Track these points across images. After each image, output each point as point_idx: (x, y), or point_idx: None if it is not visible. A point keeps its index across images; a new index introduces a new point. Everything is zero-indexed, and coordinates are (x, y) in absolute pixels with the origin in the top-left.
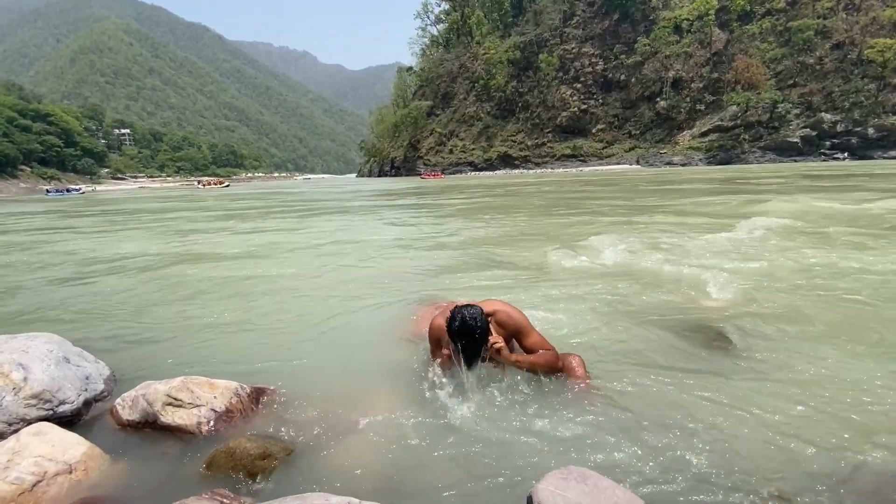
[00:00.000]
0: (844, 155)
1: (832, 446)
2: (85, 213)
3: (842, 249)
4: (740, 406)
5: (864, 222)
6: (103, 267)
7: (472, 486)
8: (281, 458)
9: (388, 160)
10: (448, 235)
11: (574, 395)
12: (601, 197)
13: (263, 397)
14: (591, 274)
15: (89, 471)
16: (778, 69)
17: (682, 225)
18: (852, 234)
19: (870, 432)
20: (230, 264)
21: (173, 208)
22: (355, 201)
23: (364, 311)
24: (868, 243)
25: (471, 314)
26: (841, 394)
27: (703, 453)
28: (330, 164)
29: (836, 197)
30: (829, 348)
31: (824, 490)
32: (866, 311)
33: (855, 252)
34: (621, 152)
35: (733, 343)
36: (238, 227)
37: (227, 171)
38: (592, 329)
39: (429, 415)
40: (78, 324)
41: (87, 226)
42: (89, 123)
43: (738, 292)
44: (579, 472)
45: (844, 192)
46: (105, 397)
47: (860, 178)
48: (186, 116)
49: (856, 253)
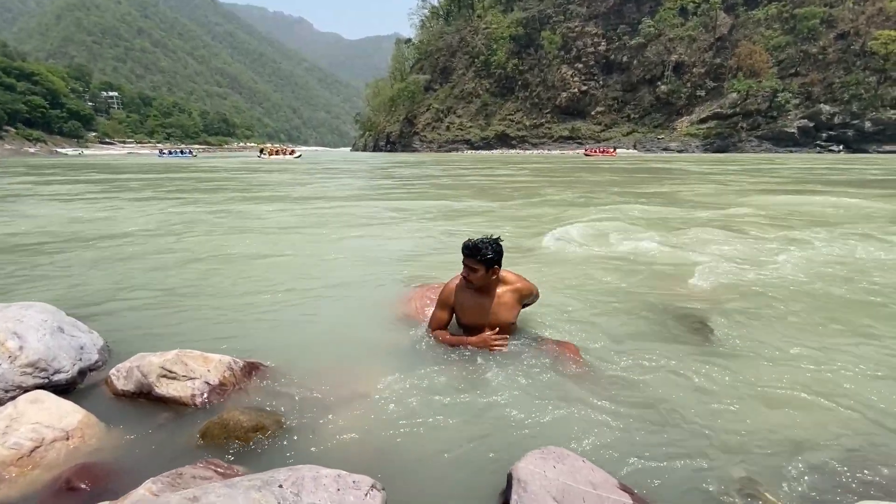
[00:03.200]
0: (840, 147)
1: (802, 430)
2: (89, 176)
3: (823, 241)
4: (717, 392)
5: (842, 217)
6: (103, 236)
7: (457, 461)
8: (273, 431)
9: (384, 135)
10: (449, 217)
11: (562, 377)
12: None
13: (256, 372)
14: (579, 258)
15: (86, 437)
16: (781, 57)
17: (666, 212)
18: (833, 226)
19: (838, 416)
20: (230, 239)
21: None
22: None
23: (358, 290)
24: (852, 236)
25: (490, 239)
26: (812, 379)
27: (680, 437)
28: (324, 137)
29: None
30: (805, 336)
31: (791, 471)
32: (843, 301)
33: (837, 244)
34: (619, 136)
35: (714, 330)
36: (246, 200)
37: (218, 140)
38: (576, 312)
39: (418, 392)
40: (72, 294)
41: (89, 192)
42: (76, 84)
43: (722, 281)
44: (558, 452)
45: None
46: (99, 367)
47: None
48: (177, 81)
49: (838, 244)
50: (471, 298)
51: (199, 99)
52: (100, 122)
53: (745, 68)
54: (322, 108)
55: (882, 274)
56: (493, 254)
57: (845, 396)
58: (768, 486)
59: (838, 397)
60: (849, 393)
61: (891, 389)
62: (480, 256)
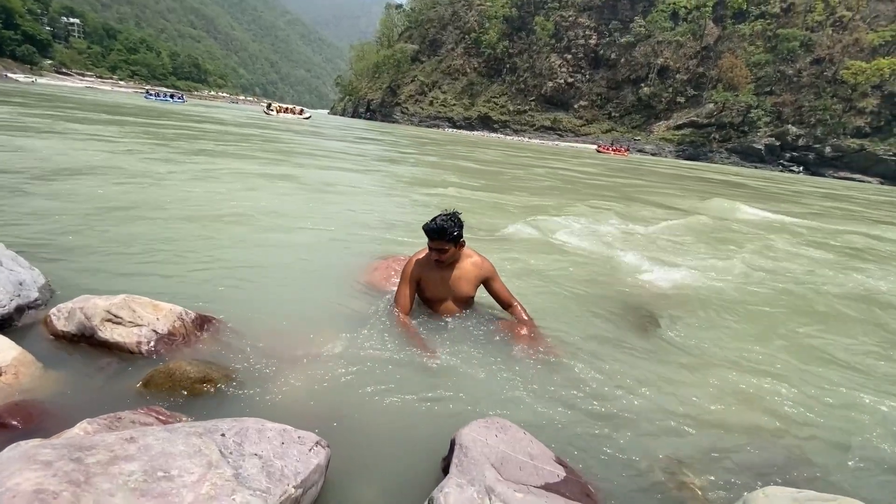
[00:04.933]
0: (800, 168)
1: (726, 419)
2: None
3: (770, 250)
4: (656, 380)
5: (797, 231)
6: (60, 173)
7: (403, 425)
8: (221, 384)
9: (365, 101)
10: (425, 192)
11: (512, 354)
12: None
13: (209, 325)
14: (541, 248)
15: (20, 375)
16: (759, 74)
17: (630, 212)
18: (785, 239)
19: (759, 410)
20: (194, 188)
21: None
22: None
23: (325, 255)
24: (800, 251)
25: (449, 215)
26: (741, 375)
27: (616, 418)
28: (301, 96)
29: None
30: (739, 336)
31: (712, 455)
32: (785, 308)
33: (778, 253)
34: (598, 132)
35: (661, 324)
36: (216, 152)
37: (187, 85)
38: (532, 297)
39: (371, 358)
40: (16, 228)
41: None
42: (33, 6)
43: (675, 280)
44: (501, 423)
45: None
46: (39, 306)
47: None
48: (146, 16)
49: (779, 254)
50: (434, 272)
51: (171, 38)
52: (57, 49)
53: (725, 80)
54: (302, 66)
55: (816, 281)
56: (458, 229)
57: (768, 393)
58: (689, 467)
59: (765, 394)
60: (771, 390)
61: (807, 389)
62: (448, 236)
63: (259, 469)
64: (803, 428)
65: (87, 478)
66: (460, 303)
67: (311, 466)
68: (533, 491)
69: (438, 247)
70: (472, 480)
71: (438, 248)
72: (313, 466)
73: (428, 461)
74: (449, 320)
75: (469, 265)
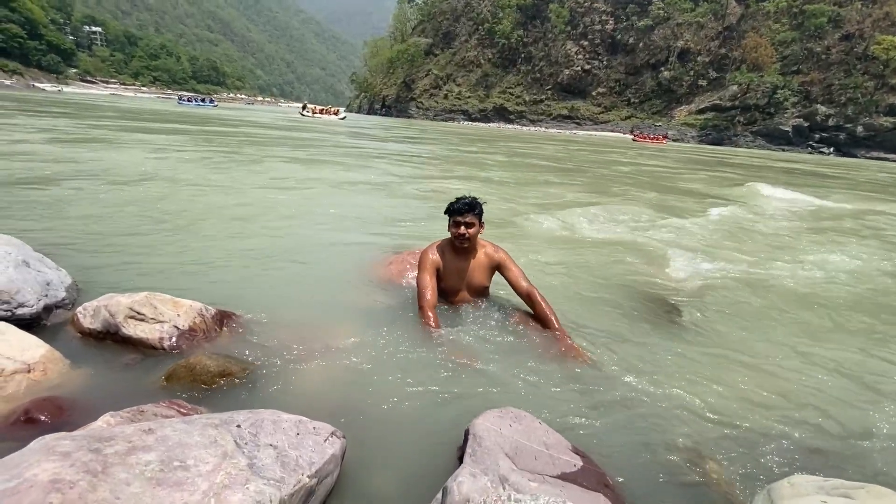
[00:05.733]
0: (830, 150)
1: (751, 410)
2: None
3: (799, 241)
4: (676, 370)
5: (826, 218)
6: (83, 176)
7: (418, 416)
8: (239, 378)
9: (380, 98)
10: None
11: (529, 345)
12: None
13: (228, 321)
14: (559, 239)
15: (48, 372)
16: (785, 53)
17: (653, 202)
18: (813, 228)
19: (785, 401)
20: (213, 189)
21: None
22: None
23: (340, 251)
24: (832, 239)
25: (470, 198)
26: (765, 366)
27: (636, 409)
28: (318, 95)
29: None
30: (768, 330)
31: (737, 446)
32: (809, 299)
33: (812, 246)
34: (617, 119)
35: (682, 315)
36: (236, 153)
37: (207, 89)
38: (550, 288)
39: (386, 350)
40: (43, 230)
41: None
42: (56, 15)
43: (696, 271)
44: (515, 413)
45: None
46: (66, 305)
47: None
48: (165, 22)
49: (813, 246)
50: (451, 262)
51: (189, 43)
52: (81, 58)
53: (749, 61)
54: (317, 65)
55: (850, 277)
56: (480, 207)
57: (794, 383)
58: (711, 457)
59: (788, 384)
60: (798, 380)
61: (835, 381)
62: (478, 209)
63: (273, 459)
64: (827, 418)
65: (104, 468)
66: (476, 293)
67: (326, 456)
68: (548, 480)
69: (466, 220)
70: (485, 470)
71: (466, 222)
72: (328, 456)
73: (443, 451)
74: (464, 311)
75: (482, 255)
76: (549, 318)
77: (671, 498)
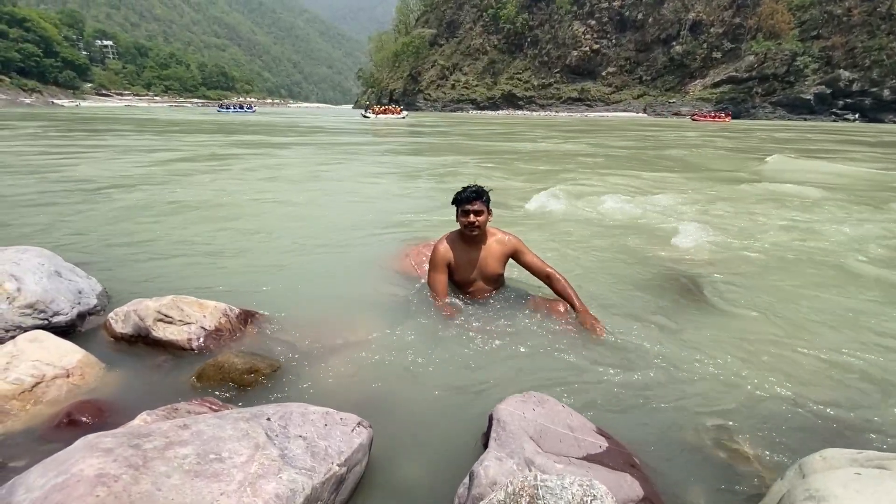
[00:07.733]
0: (855, 116)
1: (777, 385)
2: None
3: (817, 212)
4: (697, 347)
5: (844, 186)
6: (104, 185)
7: (442, 404)
8: (267, 374)
9: (387, 92)
10: (445, 174)
11: (548, 330)
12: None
13: (252, 319)
14: (572, 219)
15: (86, 376)
16: (804, 18)
17: (664, 179)
18: (830, 197)
19: (811, 374)
20: (231, 189)
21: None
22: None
23: (357, 245)
24: (849, 208)
25: (476, 186)
26: (789, 339)
27: (660, 388)
28: (325, 93)
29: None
30: (792, 302)
31: (766, 423)
32: (830, 273)
33: (831, 215)
34: (629, 98)
35: (701, 290)
36: (249, 150)
37: (217, 94)
38: (566, 269)
39: (408, 341)
40: (71, 241)
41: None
42: (69, 32)
43: (713, 246)
44: (539, 397)
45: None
46: (98, 312)
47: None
48: (173, 31)
49: (832, 216)
50: (461, 254)
51: (197, 50)
52: (95, 72)
53: (765, 29)
54: (324, 63)
55: (868, 245)
56: (487, 195)
57: (819, 356)
58: (740, 435)
59: (813, 357)
60: (823, 353)
61: (862, 352)
62: (485, 196)
63: (304, 449)
64: (858, 391)
65: (144, 462)
66: (490, 282)
67: (354, 446)
68: (574, 462)
69: (475, 208)
70: (511, 453)
71: (474, 210)
72: (356, 446)
73: (468, 438)
74: (481, 300)
75: (494, 243)
76: (570, 296)
77: (700, 476)
